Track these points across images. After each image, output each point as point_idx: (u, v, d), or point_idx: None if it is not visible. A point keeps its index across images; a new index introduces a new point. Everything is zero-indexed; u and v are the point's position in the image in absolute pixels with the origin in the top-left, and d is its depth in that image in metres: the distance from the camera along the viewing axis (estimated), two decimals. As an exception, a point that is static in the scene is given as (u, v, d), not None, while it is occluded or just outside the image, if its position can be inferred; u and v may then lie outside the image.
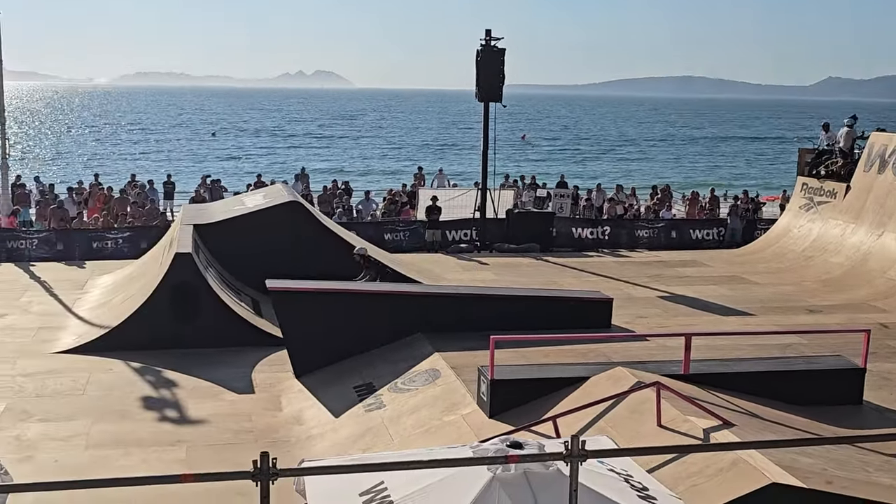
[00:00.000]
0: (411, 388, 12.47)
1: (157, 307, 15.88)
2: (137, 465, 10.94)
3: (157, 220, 25.97)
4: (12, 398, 13.19)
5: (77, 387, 13.76)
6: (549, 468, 5.77)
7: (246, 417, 12.72)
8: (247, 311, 17.05)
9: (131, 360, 14.90)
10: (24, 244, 23.90)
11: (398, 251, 23.71)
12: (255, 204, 20.67)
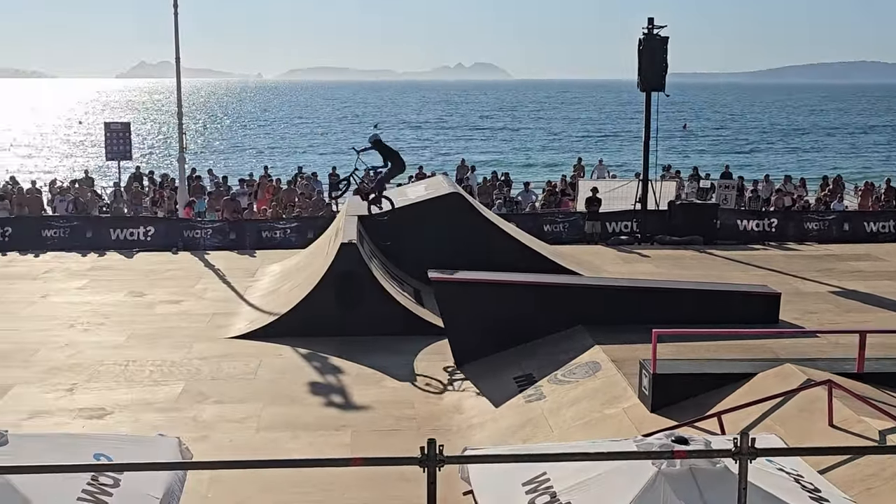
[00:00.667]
0: (571, 380, 12.43)
1: (324, 295, 16.36)
2: (305, 447, 11.32)
3: (323, 211, 26.72)
4: (189, 380, 13.88)
5: (249, 371, 14.36)
6: (717, 465, 5.65)
7: (408, 405, 12.97)
8: (409, 300, 17.36)
9: (299, 347, 15.43)
10: (199, 234, 25.07)
11: (557, 243, 23.61)
12: (416, 195, 21.00)
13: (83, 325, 17.04)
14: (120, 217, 25.99)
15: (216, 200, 27.33)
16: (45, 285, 20.33)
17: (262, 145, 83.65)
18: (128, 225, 25.22)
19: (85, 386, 13.65)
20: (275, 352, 15.30)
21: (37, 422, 12.17)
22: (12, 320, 17.31)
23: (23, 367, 14.52)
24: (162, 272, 21.65)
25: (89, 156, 63.42)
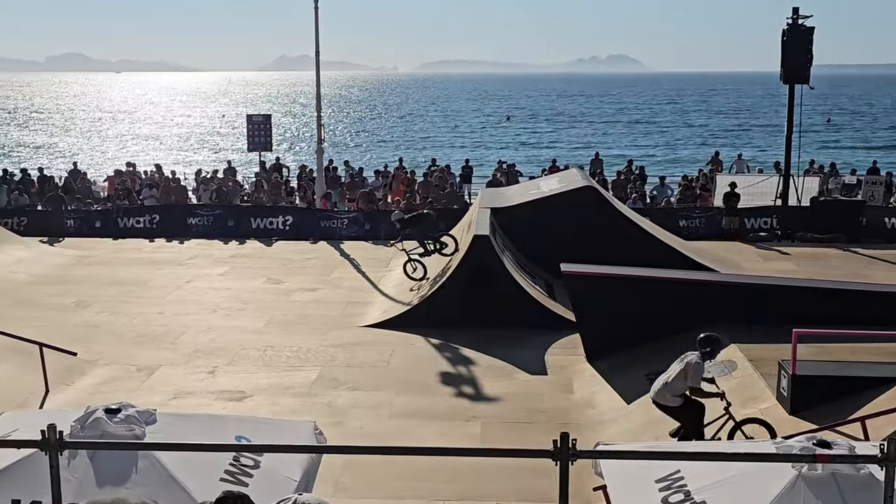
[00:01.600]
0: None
1: (456, 287, 16.49)
2: (436, 436, 11.44)
3: (456, 203, 26.89)
4: (325, 367, 14.22)
5: (382, 359, 14.60)
6: (861, 471, 5.45)
7: (538, 398, 12.96)
8: (541, 293, 17.33)
9: (431, 337, 15.60)
10: (335, 224, 25.62)
11: (693, 238, 23.14)
12: (550, 188, 20.91)
13: (225, 310, 17.66)
14: (260, 206, 26.78)
15: (352, 191, 27.85)
16: (190, 271, 21.14)
17: (397, 137, 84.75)
18: (267, 214, 25.98)
19: (226, 369, 14.14)
20: (407, 341, 15.51)
21: (180, 402, 12.68)
22: (160, 304, 18.08)
23: (169, 349, 15.16)
24: (299, 261, 22.23)
25: (232, 147, 65.54)
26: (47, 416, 7.98)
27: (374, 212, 26.09)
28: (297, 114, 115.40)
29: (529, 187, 22.70)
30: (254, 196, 27.90)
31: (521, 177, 30.87)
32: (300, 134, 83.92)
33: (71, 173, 31.17)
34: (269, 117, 32.43)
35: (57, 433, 4.98)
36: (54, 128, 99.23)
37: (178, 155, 63.94)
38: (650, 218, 22.35)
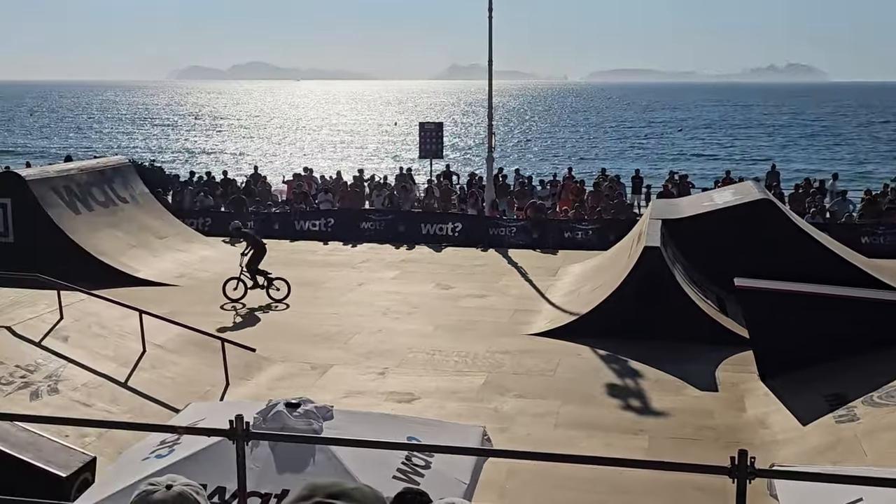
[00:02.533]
0: (890, 403, 11.60)
1: (625, 298, 16.30)
2: (601, 448, 11.35)
3: (625, 214, 26.60)
4: (491, 373, 14.33)
5: (549, 368, 14.60)
6: None
7: (708, 415, 12.66)
8: (712, 307, 16.92)
9: (598, 348, 15.48)
10: (504, 232, 25.79)
11: (875, 255, 22.06)
12: (723, 201, 20.39)
13: (395, 313, 18.05)
14: (430, 213, 27.24)
15: (521, 200, 27.96)
16: (362, 274, 21.72)
17: (567, 147, 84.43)
18: (437, 220, 26.42)
19: (395, 371, 14.46)
20: (574, 351, 15.45)
21: (351, 401, 13.03)
22: (334, 305, 18.66)
23: (341, 349, 15.62)
24: (468, 267, 22.48)
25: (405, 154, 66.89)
26: (230, 407, 8.38)
27: (542, 221, 26.11)
28: (468, 122, 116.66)
29: (702, 199, 22.19)
30: (425, 202, 28.40)
31: (693, 188, 30.23)
32: (470, 142, 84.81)
33: (252, 177, 32.56)
34: (440, 125, 32.95)
35: (244, 424, 5.24)
36: (237, 133, 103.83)
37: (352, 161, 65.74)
38: (829, 233, 21.46)
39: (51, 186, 21.34)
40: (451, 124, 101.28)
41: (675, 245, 18.53)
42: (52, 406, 11.05)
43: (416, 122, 44.28)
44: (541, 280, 20.80)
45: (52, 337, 12.81)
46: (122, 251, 21.27)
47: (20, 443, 9.19)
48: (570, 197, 28.70)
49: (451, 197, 28.88)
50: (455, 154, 66.60)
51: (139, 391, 12.34)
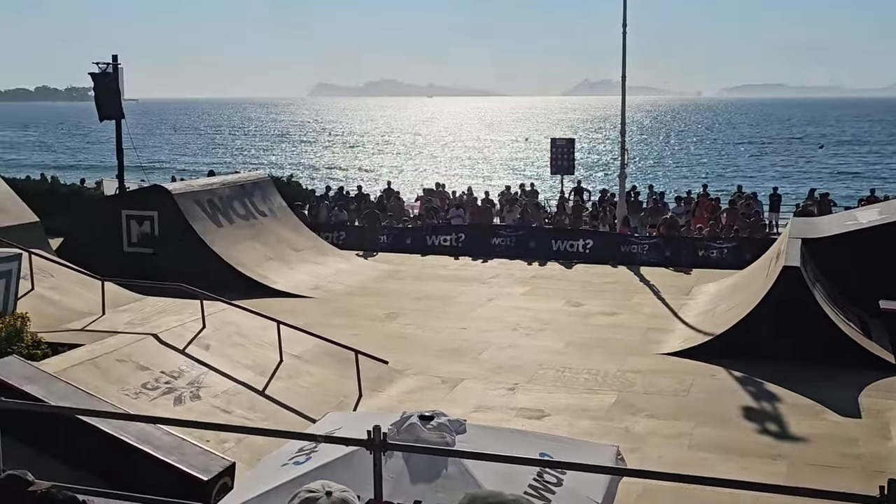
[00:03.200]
0: None
1: (762, 319, 15.87)
2: (737, 471, 11.05)
3: (762, 232, 25.90)
4: (622, 392, 14.15)
5: (682, 388, 14.32)
6: None
7: (851, 442, 12.18)
8: (854, 330, 16.30)
9: (733, 369, 15.10)
10: (636, 249, 25.47)
11: None
12: (868, 220, 19.63)
13: (525, 329, 18.03)
14: (561, 229, 27.14)
15: (654, 217, 27.57)
16: (492, 289, 21.79)
17: (701, 164, 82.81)
18: (568, 237, 26.29)
19: (525, 387, 14.44)
20: (708, 372, 15.11)
21: (481, 415, 13.06)
22: (464, 320, 18.77)
23: (471, 363, 15.70)
24: (599, 284, 22.29)
25: (536, 170, 66.83)
26: (364, 417, 8.53)
27: (675, 238, 25.68)
28: (599, 138, 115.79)
29: (845, 218, 21.41)
30: (555, 219, 28.30)
31: (834, 207, 29.22)
32: (602, 158, 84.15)
33: (385, 192, 33.10)
34: (572, 141, 32.81)
35: (381, 435, 5.33)
36: (371, 149, 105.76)
37: (483, 176, 66.06)
38: None
39: (195, 200, 22.19)
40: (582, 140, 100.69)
41: (815, 265, 17.95)
42: (194, 412, 11.45)
43: (546, 137, 44.16)
44: (673, 299, 20.44)
45: (194, 345, 13.29)
46: (260, 263, 21.92)
47: (165, 446, 9.56)
48: (704, 214, 28.13)
49: (582, 213, 28.70)
50: (586, 170, 66.15)
51: (276, 399, 12.68)
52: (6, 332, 12.22)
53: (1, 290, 12.83)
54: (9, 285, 12.98)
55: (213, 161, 77.20)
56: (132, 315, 14.35)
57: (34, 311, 13.40)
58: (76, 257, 17.95)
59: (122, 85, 25.80)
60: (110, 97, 25.00)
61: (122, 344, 12.53)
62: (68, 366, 11.34)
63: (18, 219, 19.35)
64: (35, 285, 14.85)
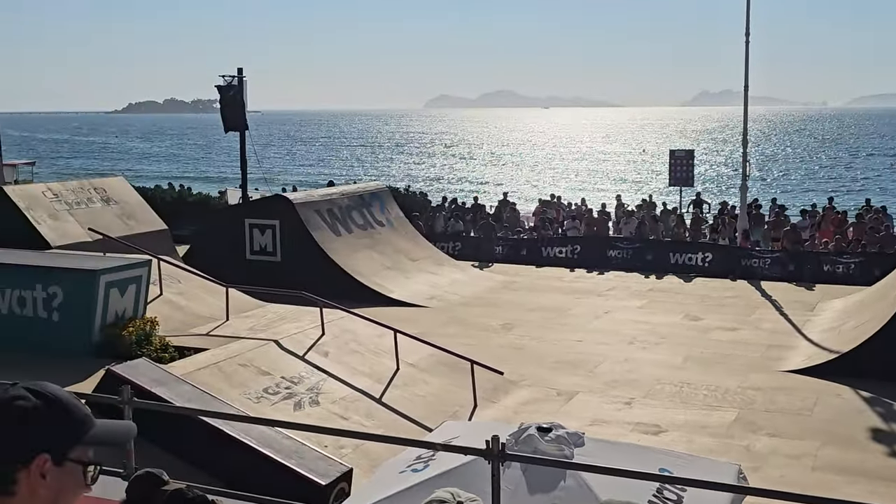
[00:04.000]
0: None
1: (892, 337, 15.27)
2: (864, 495, 10.63)
3: (892, 247, 24.94)
4: (743, 409, 13.81)
5: (805, 407, 13.89)
6: None
7: None
8: None
9: (861, 389, 14.57)
10: (757, 263, 24.84)
11: None
12: None
13: (641, 343, 17.79)
14: (680, 242, 26.69)
15: (776, 230, 26.86)
16: (608, 302, 21.56)
17: (826, 176, 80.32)
18: (687, 250, 25.84)
19: (641, 401, 14.23)
20: (833, 391, 14.62)
21: (597, 429, 12.91)
22: (579, 332, 18.63)
23: (587, 376, 15.56)
24: (718, 298, 21.83)
25: (653, 181, 65.97)
26: (481, 428, 8.54)
27: (799, 252, 24.95)
28: (719, 150, 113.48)
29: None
30: (674, 231, 27.86)
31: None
32: (722, 170, 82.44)
33: (501, 203, 33.12)
34: (691, 153, 32.26)
35: (499, 445, 5.34)
36: (487, 160, 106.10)
37: (599, 188, 65.54)
38: None
39: (315, 209, 22.65)
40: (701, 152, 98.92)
41: None
42: (313, 417, 11.67)
43: (663, 149, 43.53)
44: (797, 315, 19.86)
45: (314, 351, 13.55)
46: (377, 272, 22.21)
47: (284, 449, 9.78)
48: (830, 228, 27.25)
49: (701, 226, 28.17)
50: (706, 182, 64.93)
51: (392, 407, 12.82)
52: (136, 335, 12.71)
53: (132, 295, 13.34)
54: (139, 290, 13.50)
55: (332, 171, 78.67)
56: (254, 321, 14.74)
57: (162, 315, 13.91)
58: (201, 264, 18.56)
59: (245, 97, 26.52)
60: (235, 109, 25.72)
61: (244, 349, 12.87)
62: (194, 369, 11.71)
63: (149, 226, 20.08)
64: (163, 291, 15.40)
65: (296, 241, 21.95)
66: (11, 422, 1.94)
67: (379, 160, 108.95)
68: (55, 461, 1.96)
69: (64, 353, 12.09)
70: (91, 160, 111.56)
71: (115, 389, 7.21)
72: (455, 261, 25.44)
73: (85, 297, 12.82)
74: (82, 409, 2.04)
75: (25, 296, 13.01)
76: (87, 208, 18.98)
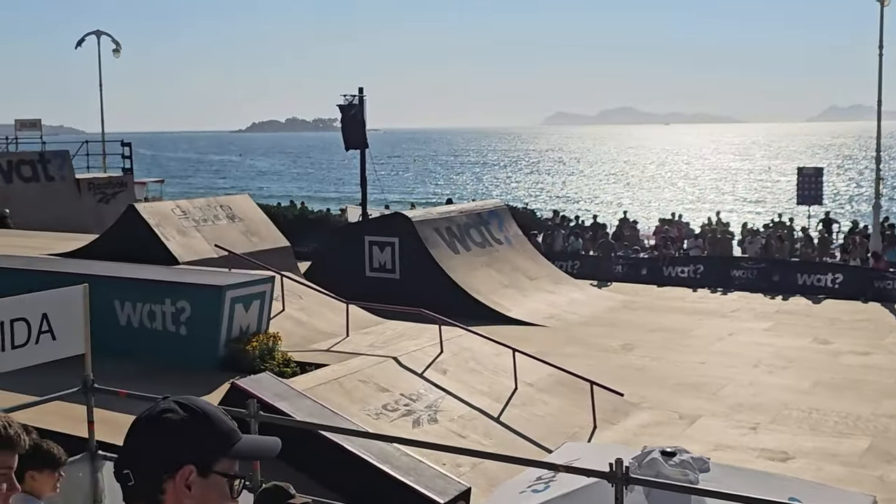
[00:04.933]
0: None
1: None
2: None
3: None
4: (876, 437, 13.21)
5: (946, 438, 13.21)
6: None
7: None
8: None
9: None
10: (890, 285, 23.85)
11: None
12: None
13: (767, 366, 17.23)
14: (808, 262, 25.84)
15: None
16: (732, 324, 20.99)
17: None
18: (816, 271, 25.02)
19: (767, 427, 13.76)
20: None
21: (721, 454, 12.52)
22: (701, 354, 18.17)
23: (709, 399, 15.15)
24: (849, 321, 21.01)
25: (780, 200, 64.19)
26: (601, 450, 8.38)
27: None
28: (850, 167, 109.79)
29: None
30: (802, 251, 27.00)
31: None
32: (853, 188, 79.69)
33: (621, 221, 32.75)
34: (820, 170, 31.24)
35: (623, 468, 5.21)
36: (606, 178, 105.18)
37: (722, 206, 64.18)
38: None
39: (434, 227, 22.77)
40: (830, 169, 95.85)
41: None
42: (431, 435, 11.65)
43: (789, 166, 42.31)
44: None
45: (432, 369, 13.57)
46: (494, 290, 22.17)
47: (403, 466, 9.81)
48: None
49: (830, 246, 27.23)
50: (835, 201, 62.84)
51: (511, 427, 12.72)
52: (260, 349, 12.97)
53: (255, 311, 13.63)
54: (263, 306, 13.78)
55: (450, 189, 79.19)
56: (374, 338, 14.87)
57: (284, 330, 14.15)
58: (322, 280, 18.84)
59: (365, 115, 26.94)
60: (355, 127, 26.19)
61: (364, 365, 12.99)
62: (315, 384, 11.86)
63: (272, 243, 20.50)
64: (286, 306, 15.68)
65: (414, 258, 22.10)
66: (161, 434, 2.01)
67: (497, 178, 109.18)
68: (201, 473, 2.01)
69: (191, 366, 12.42)
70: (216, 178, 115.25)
71: (240, 402, 7.35)
72: (574, 279, 25.21)
73: (211, 312, 13.15)
74: (228, 423, 2.08)
75: (155, 310, 13.43)
76: (213, 225, 19.51)
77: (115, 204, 29.87)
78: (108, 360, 8.74)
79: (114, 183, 32.71)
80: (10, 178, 30.04)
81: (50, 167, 31.14)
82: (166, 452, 1.99)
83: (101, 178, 33.28)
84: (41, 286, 8.02)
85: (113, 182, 32.77)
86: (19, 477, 4.61)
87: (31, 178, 30.63)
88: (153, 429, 2.01)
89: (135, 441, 2.03)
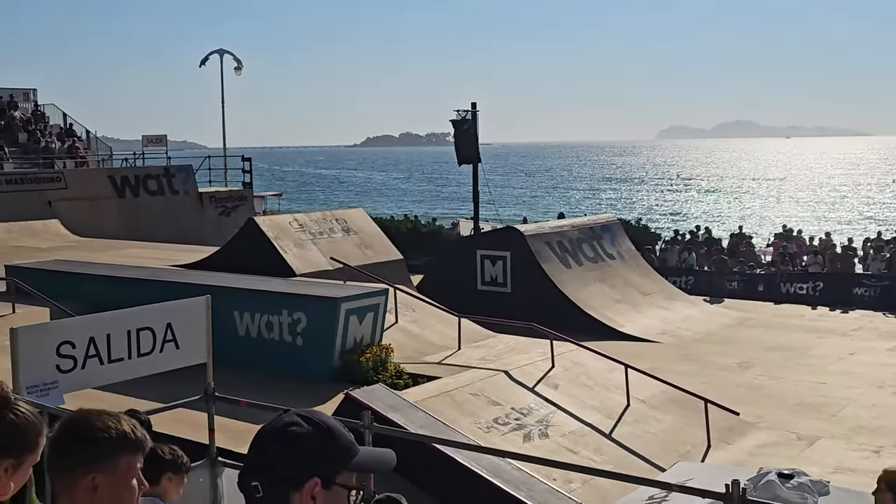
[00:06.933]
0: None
1: None
2: None
3: None
4: None
5: None
6: None
7: None
8: None
9: None
10: None
11: None
12: None
13: (892, 387, 16.63)
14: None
15: None
16: (853, 343, 20.33)
17: None
18: (944, 289, 24.04)
19: (891, 451, 13.28)
20: None
21: (841, 478, 12.14)
22: (821, 373, 17.66)
23: (829, 421, 14.71)
24: (980, 342, 20.12)
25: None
26: (716, 470, 8.28)
27: None
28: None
29: None
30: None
31: None
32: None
33: (736, 236, 32.09)
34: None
35: (740, 490, 5.12)
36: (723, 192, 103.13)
37: (843, 221, 62.23)
38: None
39: (545, 241, 22.74)
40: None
41: None
42: (542, 450, 11.64)
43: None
44: None
45: (543, 383, 13.55)
46: (607, 305, 21.99)
47: (514, 480, 9.83)
48: None
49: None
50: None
51: (622, 444, 12.60)
52: (373, 361, 13.18)
53: (369, 323, 13.85)
54: (376, 318, 14.00)
55: (563, 203, 78.87)
56: (485, 351, 14.93)
57: (397, 342, 14.34)
58: (434, 293, 19.02)
59: (478, 130, 27.10)
60: (468, 142, 26.36)
61: (475, 379, 13.06)
62: (426, 396, 11.98)
63: (385, 256, 20.82)
64: (398, 319, 15.89)
65: (526, 272, 22.10)
66: (289, 447, 2.07)
67: (610, 192, 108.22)
68: (324, 485, 2.07)
69: (306, 377, 12.69)
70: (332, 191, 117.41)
71: (352, 413, 7.50)
72: (687, 296, 24.80)
73: (327, 324, 13.42)
74: (348, 436, 2.15)
75: (273, 321, 13.78)
76: (328, 238, 19.93)
77: (235, 217, 30.83)
78: (226, 369, 9.04)
79: (234, 196, 33.73)
80: (137, 191, 31.31)
81: (175, 181, 32.33)
82: (295, 465, 2.06)
83: (222, 191, 34.36)
84: (165, 296, 8.37)
85: (233, 196, 33.80)
86: (156, 478, 4.83)
87: (157, 192, 31.86)
88: (280, 442, 2.07)
89: (262, 453, 2.08)
